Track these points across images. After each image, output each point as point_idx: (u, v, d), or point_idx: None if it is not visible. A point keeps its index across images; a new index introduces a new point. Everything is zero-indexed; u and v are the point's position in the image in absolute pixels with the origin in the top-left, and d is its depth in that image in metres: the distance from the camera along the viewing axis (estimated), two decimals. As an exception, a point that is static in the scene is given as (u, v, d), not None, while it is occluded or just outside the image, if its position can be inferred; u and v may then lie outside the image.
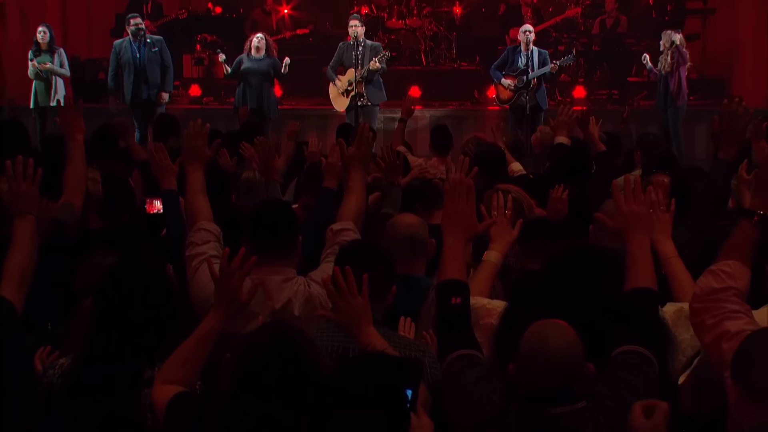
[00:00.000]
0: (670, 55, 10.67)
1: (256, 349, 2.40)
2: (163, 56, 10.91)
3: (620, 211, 2.93)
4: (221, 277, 2.84)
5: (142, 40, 10.77)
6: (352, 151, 4.26)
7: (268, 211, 3.61)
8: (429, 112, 12.75)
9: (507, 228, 3.39)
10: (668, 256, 3.21)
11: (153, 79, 10.75)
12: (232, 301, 2.81)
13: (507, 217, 3.41)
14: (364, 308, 2.90)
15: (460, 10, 14.66)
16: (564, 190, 4.70)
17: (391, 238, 3.82)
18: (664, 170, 5.30)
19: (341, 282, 2.90)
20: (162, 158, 4.12)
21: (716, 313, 2.58)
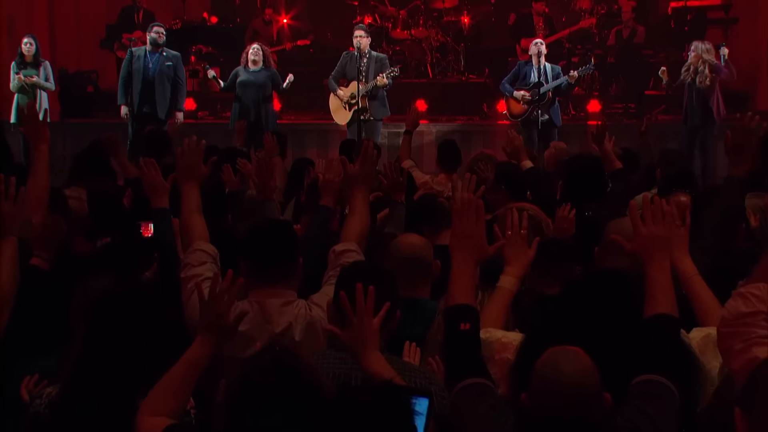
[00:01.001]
0: (708, 68, 10.49)
1: (255, 375, 2.40)
2: (177, 72, 10.92)
3: (638, 233, 2.92)
4: (208, 301, 2.84)
5: (159, 52, 10.76)
6: (355, 169, 4.27)
7: (267, 231, 3.61)
8: (435, 127, 12.78)
9: (523, 249, 3.32)
10: (689, 275, 3.15)
11: (160, 95, 10.72)
12: (218, 325, 2.81)
13: (523, 237, 3.34)
14: (375, 331, 2.88)
15: (468, 20, 14.70)
16: (571, 209, 4.67)
17: (393, 259, 3.82)
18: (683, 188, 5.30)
19: (360, 301, 2.87)
20: (153, 175, 4.14)
21: (745, 338, 2.56)
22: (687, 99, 10.83)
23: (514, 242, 3.31)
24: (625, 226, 3.34)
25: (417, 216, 4.99)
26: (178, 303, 3.57)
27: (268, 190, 5.09)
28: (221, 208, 5.09)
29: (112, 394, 2.75)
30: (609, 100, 13.72)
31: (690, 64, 10.63)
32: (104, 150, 6.71)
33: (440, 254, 3.82)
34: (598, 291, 2.78)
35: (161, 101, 10.76)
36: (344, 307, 2.88)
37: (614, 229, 3.63)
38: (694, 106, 10.74)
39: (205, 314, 2.84)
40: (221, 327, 2.82)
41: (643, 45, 13.67)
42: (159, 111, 10.75)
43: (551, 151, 7.74)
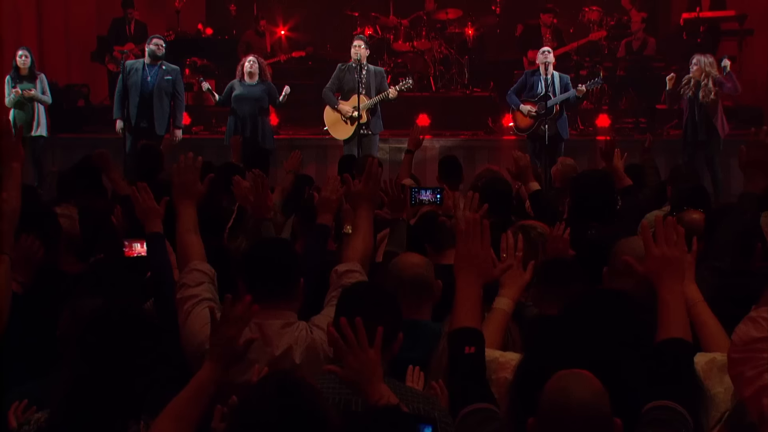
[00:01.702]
0: (712, 81, 10.48)
1: (261, 403, 2.40)
2: (177, 87, 10.91)
3: (650, 254, 2.93)
4: (219, 325, 2.86)
5: (158, 65, 10.78)
6: (359, 188, 4.29)
7: (267, 250, 3.63)
8: (438, 142, 12.80)
9: (518, 271, 3.40)
10: (694, 301, 3.23)
11: (158, 110, 10.72)
12: (227, 351, 2.83)
13: (518, 259, 3.40)
14: (375, 363, 2.89)
15: (472, 31, 14.75)
16: (566, 228, 4.68)
17: (394, 279, 3.83)
18: (697, 206, 5.31)
19: (350, 335, 2.90)
20: (146, 199, 4.15)
21: (757, 364, 2.57)
22: (688, 114, 10.80)
23: (509, 265, 3.36)
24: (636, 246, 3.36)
25: (420, 234, 5.01)
26: (174, 325, 3.58)
27: (264, 208, 5.10)
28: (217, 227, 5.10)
29: (104, 420, 2.76)
30: (619, 114, 13.75)
31: (691, 77, 10.62)
32: (96, 166, 6.73)
33: (443, 274, 3.83)
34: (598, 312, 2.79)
35: (159, 116, 10.76)
36: (345, 334, 2.89)
37: (624, 249, 3.64)
38: (696, 121, 10.70)
39: (215, 339, 2.86)
40: (231, 352, 2.84)
41: (654, 57, 13.71)
42: (157, 126, 10.74)
43: (558, 167, 7.75)
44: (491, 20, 15.21)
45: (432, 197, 5.48)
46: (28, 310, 3.93)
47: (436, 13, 15.03)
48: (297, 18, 15.71)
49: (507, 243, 3.40)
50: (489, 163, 9.66)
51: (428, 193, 5.51)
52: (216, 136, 12.94)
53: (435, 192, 5.50)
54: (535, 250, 3.72)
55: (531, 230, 4.24)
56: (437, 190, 5.50)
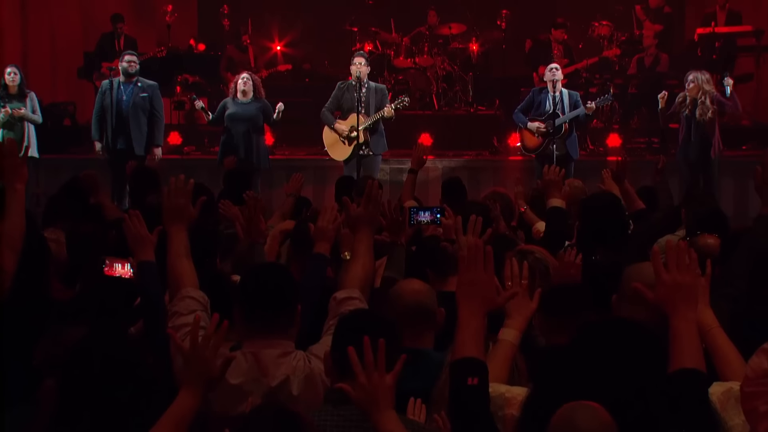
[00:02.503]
0: (710, 99, 10.47)
1: None
2: (154, 104, 10.94)
3: (661, 281, 2.94)
4: (190, 349, 2.87)
5: (133, 82, 10.82)
6: (359, 211, 4.31)
7: (263, 276, 3.65)
8: (442, 162, 12.83)
9: (524, 300, 3.38)
10: (709, 327, 3.21)
11: (135, 129, 10.76)
12: (204, 375, 2.84)
13: (524, 287, 3.39)
14: (390, 390, 2.89)
15: (477, 47, 14.82)
16: (577, 253, 4.70)
17: (395, 306, 3.84)
18: (713, 230, 5.34)
19: (369, 356, 2.89)
20: (137, 227, 4.17)
21: (771, 398, 2.59)
22: (684, 133, 10.77)
23: (514, 293, 3.34)
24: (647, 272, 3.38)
25: (422, 260, 5.03)
26: (166, 356, 3.60)
27: (257, 232, 5.13)
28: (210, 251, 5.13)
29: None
30: (630, 133, 13.79)
31: (686, 95, 10.61)
32: (84, 189, 6.76)
33: (446, 301, 3.85)
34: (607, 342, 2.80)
35: (137, 136, 10.78)
36: (352, 362, 2.89)
37: (634, 276, 3.65)
38: (692, 140, 10.69)
39: (189, 363, 2.87)
40: (207, 376, 2.85)
41: (668, 74, 13.76)
42: (135, 147, 10.77)
43: (566, 189, 7.77)
44: (496, 35, 15.27)
45: (431, 218, 5.47)
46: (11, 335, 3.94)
47: (439, 28, 15.09)
48: (294, 34, 15.80)
49: (512, 270, 3.39)
50: (495, 185, 9.66)
51: (427, 214, 5.50)
52: (208, 156, 12.98)
53: (434, 212, 5.47)
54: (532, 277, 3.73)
55: (528, 255, 4.25)
56: (437, 210, 5.48)
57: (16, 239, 4.17)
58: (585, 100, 11.41)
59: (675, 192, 8.85)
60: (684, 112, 10.68)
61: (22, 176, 4.33)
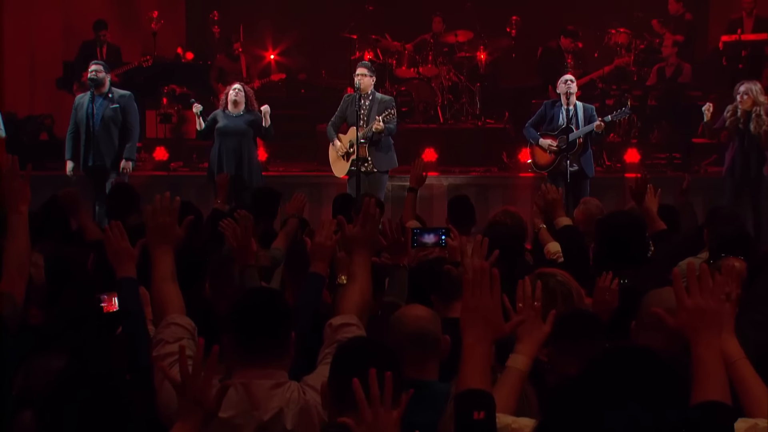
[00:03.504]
0: (765, 112, 10.44)
1: None
2: (126, 116, 10.90)
3: (683, 307, 2.94)
4: (182, 380, 2.87)
5: (103, 94, 10.82)
6: (355, 231, 4.31)
7: (255, 302, 3.66)
8: (447, 179, 12.87)
9: (536, 324, 3.36)
10: (735, 358, 3.20)
11: (106, 144, 10.76)
12: (198, 407, 2.84)
13: (536, 311, 3.38)
14: (396, 426, 2.88)
15: (485, 55, 14.85)
16: (614, 278, 4.71)
17: (396, 334, 3.84)
18: (738, 253, 5.34)
19: (375, 389, 2.88)
20: (119, 240, 4.18)
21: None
22: (737, 148, 10.78)
23: (527, 316, 3.34)
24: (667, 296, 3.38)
25: (425, 284, 5.04)
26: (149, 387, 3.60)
27: (248, 254, 5.14)
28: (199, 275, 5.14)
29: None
30: (650, 149, 13.81)
31: (738, 107, 10.63)
32: (63, 208, 6.77)
33: (451, 328, 3.85)
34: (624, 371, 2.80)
35: (108, 151, 10.78)
36: (357, 397, 2.87)
37: (654, 301, 3.66)
38: (746, 157, 10.71)
39: (182, 396, 2.87)
40: (202, 409, 2.85)
41: (690, 85, 13.79)
42: (107, 163, 10.79)
43: (581, 208, 7.78)
44: (506, 43, 15.32)
45: (436, 239, 5.46)
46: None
47: (445, 36, 15.13)
48: (288, 41, 15.84)
49: (524, 292, 3.39)
50: (504, 204, 9.67)
51: (431, 235, 5.49)
52: (197, 173, 12.99)
53: (439, 233, 5.46)
54: (554, 301, 3.72)
55: (550, 278, 4.25)
56: (441, 231, 5.47)
57: (24, 264, 4.24)
58: (601, 112, 11.41)
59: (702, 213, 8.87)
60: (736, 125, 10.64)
61: (25, 198, 4.38)
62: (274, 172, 13.37)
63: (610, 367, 2.77)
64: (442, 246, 5.51)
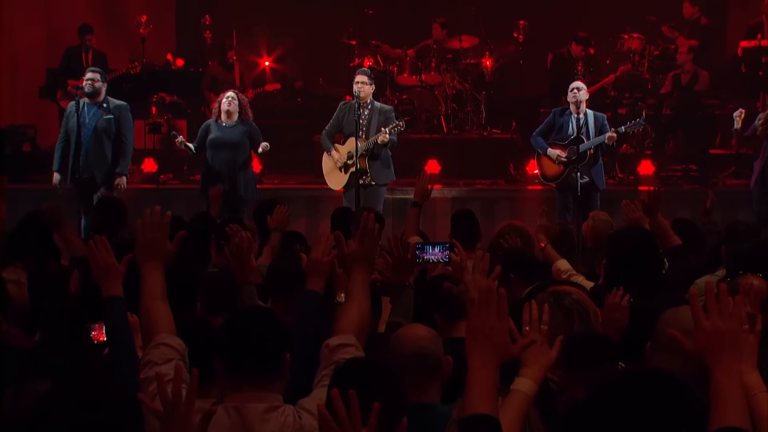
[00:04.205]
0: None
1: None
2: (121, 128, 10.85)
3: (701, 328, 2.95)
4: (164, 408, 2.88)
5: (98, 103, 10.80)
6: (353, 247, 4.33)
7: (248, 322, 3.66)
8: (451, 192, 12.87)
9: (543, 347, 3.33)
10: (754, 391, 3.19)
11: (98, 157, 10.72)
12: None
13: (543, 334, 3.35)
14: None
15: (490, 62, 14.88)
16: (624, 295, 4.72)
17: (396, 355, 3.85)
18: (756, 270, 5.34)
19: (341, 411, 2.90)
20: (104, 256, 4.18)
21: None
22: (766, 159, 10.85)
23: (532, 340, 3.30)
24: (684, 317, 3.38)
25: (428, 303, 5.04)
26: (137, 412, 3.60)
27: (248, 270, 5.15)
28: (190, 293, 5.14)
29: None
30: (665, 160, 13.82)
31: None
32: (46, 223, 6.78)
33: (454, 349, 3.86)
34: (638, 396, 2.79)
35: (99, 164, 10.74)
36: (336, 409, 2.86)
37: (670, 321, 3.66)
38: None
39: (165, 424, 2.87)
40: None
41: (707, 93, 13.79)
42: (98, 177, 10.75)
43: (589, 222, 7.77)
44: (513, 49, 15.31)
45: (441, 255, 5.46)
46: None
47: (448, 41, 15.14)
48: (283, 47, 15.88)
49: (530, 314, 3.37)
50: (511, 218, 9.67)
51: (436, 250, 5.50)
52: (188, 185, 13.00)
53: (444, 248, 5.47)
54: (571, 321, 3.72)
55: (565, 297, 4.26)
56: (447, 246, 5.48)
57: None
58: (613, 122, 11.42)
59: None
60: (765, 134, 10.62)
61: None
62: (270, 184, 13.37)
63: (623, 391, 2.77)
64: (446, 262, 5.51)
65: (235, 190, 10.75)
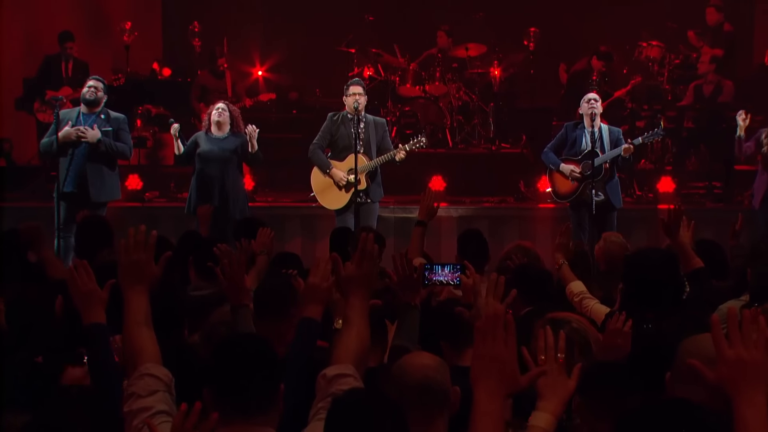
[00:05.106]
0: None
1: None
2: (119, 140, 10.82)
3: (723, 357, 2.95)
4: None
5: (96, 114, 10.78)
6: (351, 270, 4.33)
7: (239, 350, 3.67)
8: (457, 211, 12.87)
9: (560, 378, 3.33)
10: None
11: (93, 171, 10.69)
12: None
13: (560, 363, 3.35)
14: None
15: (499, 72, 14.90)
16: (627, 320, 4.72)
17: (399, 385, 3.85)
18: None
19: None
20: (85, 281, 4.18)
21: None
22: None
23: (550, 370, 3.32)
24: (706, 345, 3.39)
25: (435, 329, 5.05)
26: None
27: (241, 293, 5.16)
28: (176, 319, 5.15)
29: None
30: (686, 176, 13.81)
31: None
32: (24, 243, 6.79)
33: (461, 378, 3.86)
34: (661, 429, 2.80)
35: (95, 180, 10.75)
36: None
37: (691, 350, 3.67)
38: None
39: None
40: None
41: (731, 105, 13.74)
42: (93, 192, 10.71)
43: (601, 244, 7.75)
44: (523, 58, 15.36)
45: (451, 277, 5.44)
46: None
47: (454, 50, 15.17)
48: (278, 56, 15.91)
49: (546, 342, 3.36)
50: (521, 239, 9.67)
51: (446, 271, 5.48)
52: (175, 203, 12.98)
53: (455, 270, 5.45)
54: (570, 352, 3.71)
55: (564, 325, 4.26)
56: (457, 267, 5.46)
57: None
58: (631, 135, 11.41)
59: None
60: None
61: None
62: (262, 202, 13.38)
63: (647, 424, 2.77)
64: (456, 285, 5.51)
65: (225, 207, 10.70)
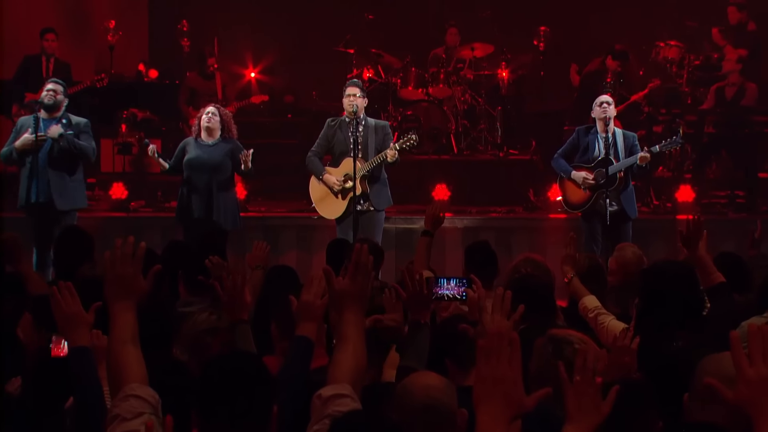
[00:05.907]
0: None
1: None
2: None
3: (743, 377, 2.97)
4: None
5: (56, 119, 10.74)
6: (344, 284, 4.34)
7: (228, 370, 3.68)
8: (462, 221, 12.87)
9: (595, 401, 3.25)
10: None
11: (56, 179, 10.69)
12: None
13: (597, 385, 3.26)
14: None
15: (507, 73, 14.90)
16: (634, 336, 4.73)
17: (403, 406, 3.86)
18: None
19: None
20: (69, 303, 4.19)
21: None
22: None
23: (584, 392, 3.25)
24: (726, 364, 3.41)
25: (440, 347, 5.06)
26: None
27: (241, 308, 5.17)
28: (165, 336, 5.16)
29: None
30: (707, 185, 13.82)
31: None
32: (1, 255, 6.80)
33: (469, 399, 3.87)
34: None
35: (58, 187, 10.74)
36: None
37: (710, 369, 3.68)
38: None
39: None
40: None
41: (755, 109, 13.78)
42: (56, 200, 10.69)
43: (615, 255, 7.73)
44: (532, 58, 15.37)
45: (457, 291, 5.46)
46: None
47: (459, 50, 15.17)
48: (272, 57, 15.92)
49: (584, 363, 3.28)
50: (530, 251, 9.67)
51: (452, 285, 5.49)
52: (162, 213, 12.99)
53: (461, 284, 5.46)
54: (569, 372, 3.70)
55: (565, 346, 4.28)
56: (464, 281, 5.47)
57: None
58: (648, 141, 11.42)
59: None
60: None
61: None
62: (255, 212, 13.38)
63: None
64: (462, 300, 5.52)
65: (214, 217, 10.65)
